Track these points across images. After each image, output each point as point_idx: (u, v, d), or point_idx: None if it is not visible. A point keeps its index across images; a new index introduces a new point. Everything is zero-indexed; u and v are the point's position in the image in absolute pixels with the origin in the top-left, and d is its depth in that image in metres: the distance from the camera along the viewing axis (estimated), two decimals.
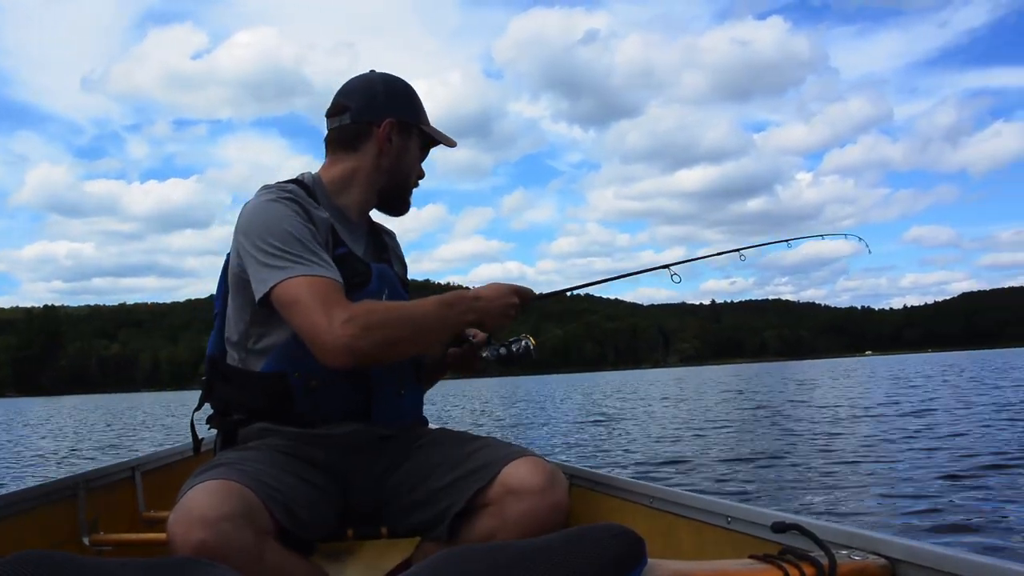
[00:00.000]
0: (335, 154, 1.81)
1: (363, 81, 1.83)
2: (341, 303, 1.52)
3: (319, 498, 1.56)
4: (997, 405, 12.58)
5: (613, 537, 1.04)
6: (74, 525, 1.97)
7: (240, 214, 1.67)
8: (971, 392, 16.41)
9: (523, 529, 1.49)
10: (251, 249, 1.59)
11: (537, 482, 1.52)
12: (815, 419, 12.02)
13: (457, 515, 1.58)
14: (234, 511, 1.30)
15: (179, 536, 1.28)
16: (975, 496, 5.36)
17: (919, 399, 15.00)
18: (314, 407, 1.63)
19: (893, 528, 4.50)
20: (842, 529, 1.23)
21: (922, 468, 6.45)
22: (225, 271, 1.76)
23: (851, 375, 35.96)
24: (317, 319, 1.50)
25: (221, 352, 1.74)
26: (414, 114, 1.84)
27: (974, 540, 4.09)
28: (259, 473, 1.44)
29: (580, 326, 43.34)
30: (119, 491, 2.26)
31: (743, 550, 1.31)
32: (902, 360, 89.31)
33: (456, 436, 1.76)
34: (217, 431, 1.73)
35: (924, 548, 1.11)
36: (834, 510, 5.17)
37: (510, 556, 1.00)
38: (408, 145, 1.82)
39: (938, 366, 43.34)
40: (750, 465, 7.27)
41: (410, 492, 1.66)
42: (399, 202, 1.88)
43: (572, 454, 9.11)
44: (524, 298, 1.75)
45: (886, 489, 5.74)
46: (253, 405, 1.66)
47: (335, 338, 1.48)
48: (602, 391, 32.57)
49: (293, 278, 1.54)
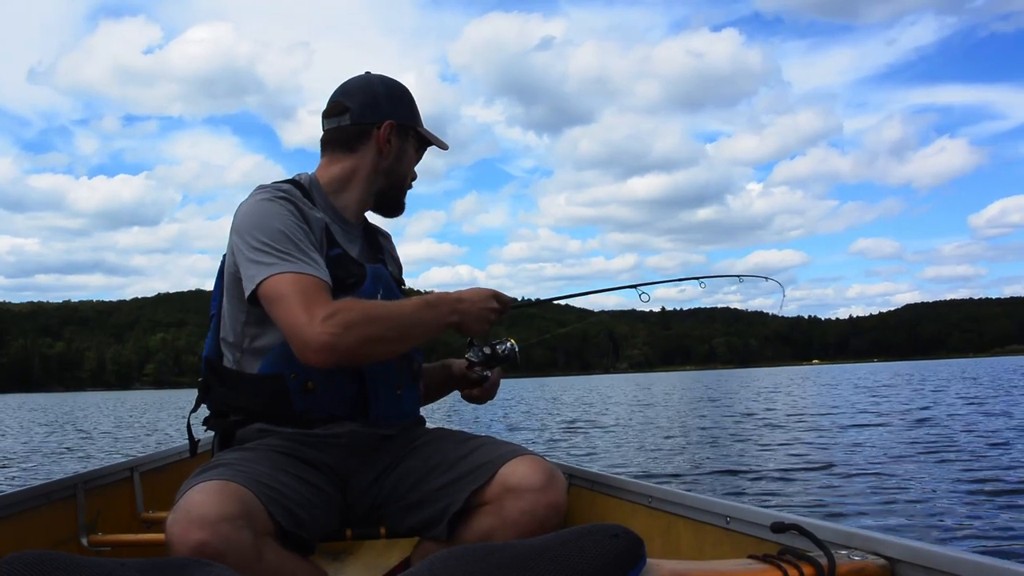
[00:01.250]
0: (333, 154, 1.82)
1: (362, 82, 1.84)
2: (323, 301, 1.53)
3: (318, 498, 1.56)
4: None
5: (612, 537, 1.04)
6: (73, 525, 1.97)
7: (235, 213, 1.68)
8: (951, 399, 16.93)
9: (522, 528, 1.50)
10: (243, 247, 1.61)
11: (536, 481, 1.53)
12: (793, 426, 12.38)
13: (456, 514, 1.58)
14: (233, 512, 1.30)
15: (177, 537, 1.28)
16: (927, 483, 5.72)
17: (906, 406, 15.48)
18: (311, 407, 1.64)
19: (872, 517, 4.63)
20: (841, 529, 1.24)
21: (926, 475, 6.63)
22: (222, 272, 1.76)
23: (809, 382, 36.72)
24: (298, 316, 1.51)
25: (217, 353, 1.73)
26: (412, 116, 1.85)
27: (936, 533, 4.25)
28: (257, 474, 1.44)
29: (531, 332, 43.53)
30: (118, 492, 2.25)
31: (742, 550, 1.33)
32: (850, 369, 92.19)
33: (455, 435, 1.76)
34: (215, 432, 1.73)
35: (924, 548, 1.11)
36: (819, 508, 5.30)
37: (509, 556, 1.00)
38: (406, 147, 1.84)
39: (889, 375, 44.28)
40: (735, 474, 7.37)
41: (409, 492, 1.66)
42: (394, 203, 1.89)
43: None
44: (504, 304, 1.77)
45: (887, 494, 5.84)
46: (250, 406, 1.66)
47: (314, 335, 1.49)
48: (565, 395, 32.44)
49: (279, 274, 1.55)
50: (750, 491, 6.27)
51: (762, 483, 6.65)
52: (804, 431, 11.38)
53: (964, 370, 50.11)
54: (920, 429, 10.75)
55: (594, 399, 27.54)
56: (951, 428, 10.67)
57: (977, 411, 13.59)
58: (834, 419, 13.41)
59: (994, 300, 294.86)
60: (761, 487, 6.44)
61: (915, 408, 14.92)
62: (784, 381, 43.08)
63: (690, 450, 9.52)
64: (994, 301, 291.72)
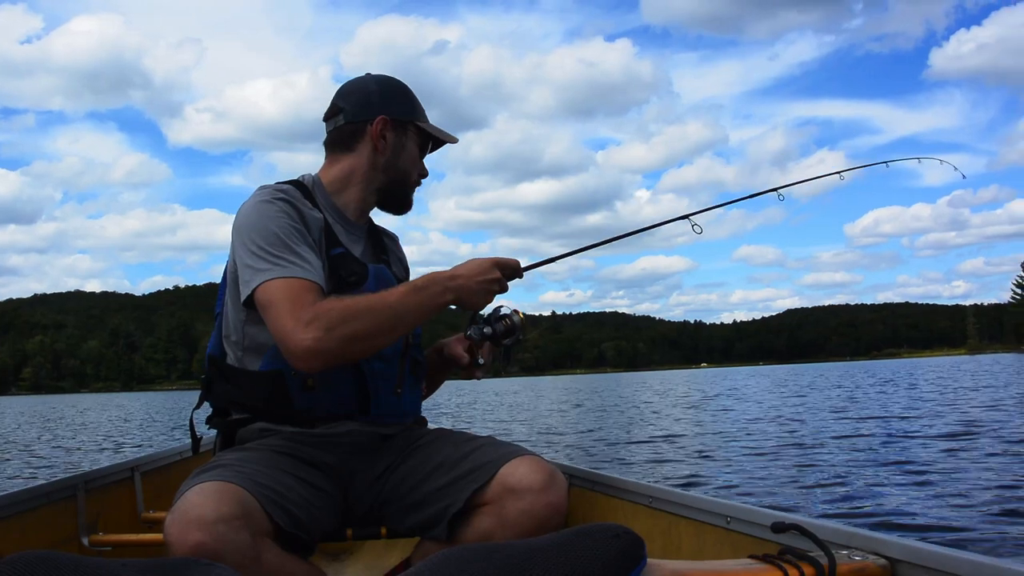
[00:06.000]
0: (333, 155, 1.83)
1: (358, 83, 1.85)
2: (307, 305, 1.52)
3: (318, 498, 1.56)
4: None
5: (613, 537, 1.04)
6: (73, 525, 1.97)
7: (236, 214, 1.69)
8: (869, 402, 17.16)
9: (522, 528, 1.49)
10: (240, 249, 1.62)
11: (536, 481, 1.52)
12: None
13: (456, 515, 1.57)
14: (231, 513, 1.31)
15: (175, 538, 1.28)
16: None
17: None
18: (312, 406, 1.64)
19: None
20: (842, 529, 1.23)
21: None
22: (227, 271, 1.77)
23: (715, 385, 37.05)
24: (285, 322, 1.51)
25: (221, 351, 1.74)
26: (409, 111, 1.84)
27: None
28: (257, 474, 1.44)
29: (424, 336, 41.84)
30: (118, 492, 2.26)
31: (743, 550, 1.32)
32: (736, 372, 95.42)
33: (455, 436, 1.75)
34: (217, 431, 1.74)
35: (924, 548, 1.11)
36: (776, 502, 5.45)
37: (509, 556, 1.00)
38: (404, 142, 1.83)
39: (779, 378, 44.66)
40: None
41: (409, 492, 1.66)
42: (400, 200, 1.88)
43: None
44: (509, 270, 1.70)
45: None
46: (251, 404, 1.67)
47: (298, 341, 1.49)
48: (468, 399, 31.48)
49: (270, 281, 1.56)
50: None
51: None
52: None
53: (845, 372, 52.07)
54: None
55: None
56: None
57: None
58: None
59: (868, 306, 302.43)
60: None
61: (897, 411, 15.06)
62: (673, 382, 44.76)
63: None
64: (868, 307, 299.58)
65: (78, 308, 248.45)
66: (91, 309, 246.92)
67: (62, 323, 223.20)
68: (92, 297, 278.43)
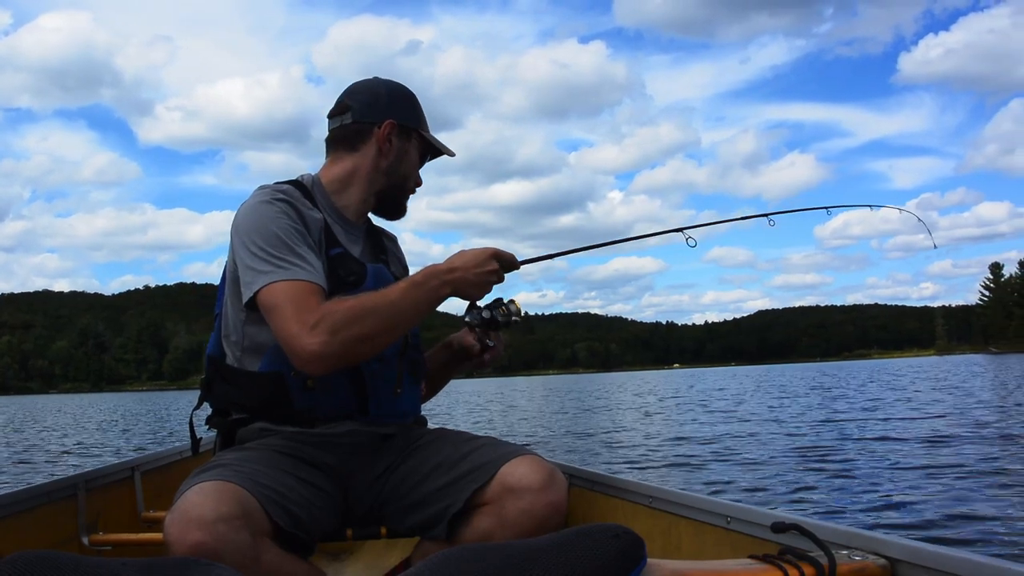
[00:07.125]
0: (335, 153, 1.83)
1: (367, 84, 1.86)
2: (312, 308, 1.53)
3: (318, 498, 1.56)
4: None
5: (613, 537, 1.04)
6: (73, 525, 1.97)
7: (235, 215, 1.69)
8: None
9: (522, 528, 1.50)
10: (240, 250, 1.62)
11: (536, 480, 1.53)
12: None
13: (456, 515, 1.58)
14: (230, 513, 1.31)
15: (175, 537, 1.28)
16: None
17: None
18: (312, 405, 1.64)
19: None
20: (842, 529, 1.24)
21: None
22: (226, 271, 1.77)
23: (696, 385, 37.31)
24: (290, 327, 1.51)
25: (220, 351, 1.73)
26: (415, 119, 1.86)
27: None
28: (256, 474, 1.44)
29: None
30: (119, 491, 2.26)
31: (743, 550, 1.33)
32: (710, 372, 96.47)
33: (455, 436, 1.76)
34: (216, 431, 1.73)
35: (924, 548, 1.11)
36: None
37: (509, 556, 1.00)
38: (407, 149, 1.84)
39: (757, 378, 45.31)
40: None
41: (409, 492, 1.66)
42: (396, 205, 1.89)
43: None
44: (506, 262, 1.70)
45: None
46: (251, 404, 1.67)
47: (304, 346, 1.49)
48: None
49: (274, 283, 1.56)
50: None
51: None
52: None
53: (822, 372, 52.73)
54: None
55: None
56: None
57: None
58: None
59: (838, 307, 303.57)
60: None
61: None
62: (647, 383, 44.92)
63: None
64: (838, 308, 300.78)
65: (46, 308, 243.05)
66: (60, 309, 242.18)
67: (30, 323, 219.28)
68: (61, 297, 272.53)
